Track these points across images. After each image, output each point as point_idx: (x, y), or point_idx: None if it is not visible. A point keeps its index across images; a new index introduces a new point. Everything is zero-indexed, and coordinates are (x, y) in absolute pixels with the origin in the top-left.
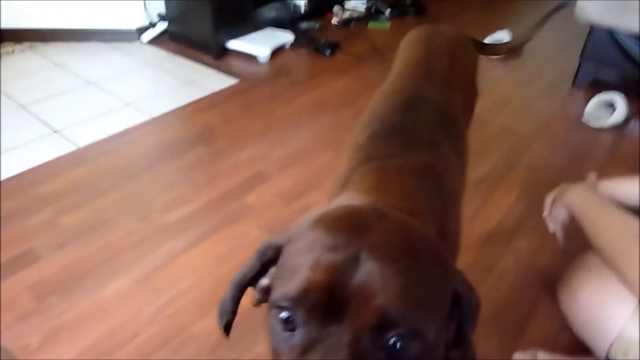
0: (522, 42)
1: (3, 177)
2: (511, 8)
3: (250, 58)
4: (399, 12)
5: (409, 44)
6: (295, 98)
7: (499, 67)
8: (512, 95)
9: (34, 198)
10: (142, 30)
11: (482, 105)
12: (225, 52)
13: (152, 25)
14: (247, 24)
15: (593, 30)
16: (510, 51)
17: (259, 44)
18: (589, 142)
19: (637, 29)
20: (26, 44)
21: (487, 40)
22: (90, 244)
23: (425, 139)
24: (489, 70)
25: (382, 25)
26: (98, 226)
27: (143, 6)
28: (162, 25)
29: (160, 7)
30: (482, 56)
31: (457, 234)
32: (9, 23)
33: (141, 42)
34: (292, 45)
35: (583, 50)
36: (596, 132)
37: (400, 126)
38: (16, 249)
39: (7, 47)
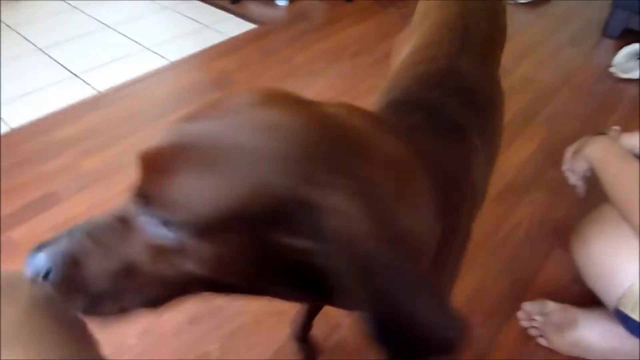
0: None
1: (23, 122)
2: None
3: (269, 2)
4: None
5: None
6: (314, 44)
7: (524, 14)
8: (536, 44)
9: (54, 142)
10: None
11: (504, 55)
12: None
13: None
14: None
15: None
16: None
17: None
18: (614, 94)
19: None
20: None
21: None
22: (110, 187)
23: (452, 126)
24: (512, 17)
25: None
26: (117, 169)
27: None
28: None
29: None
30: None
31: (460, 249)
32: None
33: None
34: None
35: None
36: (623, 83)
37: (425, 104)
38: (38, 191)
39: None
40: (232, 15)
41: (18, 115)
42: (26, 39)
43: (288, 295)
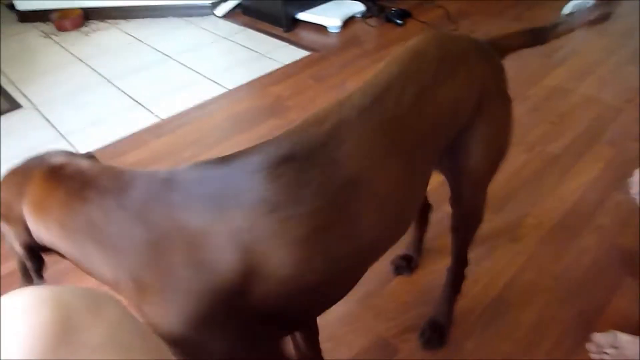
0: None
1: (91, 148)
2: None
3: (321, 29)
4: None
5: (392, 58)
6: (366, 69)
7: (583, 32)
8: (597, 62)
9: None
10: (215, 5)
11: (562, 75)
12: (296, 24)
13: None
14: None
15: None
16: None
17: (329, 15)
18: None
19: None
20: (110, 22)
21: (569, 6)
22: None
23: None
24: (570, 35)
25: None
26: None
27: None
28: (235, 0)
29: None
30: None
31: None
32: (94, 2)
33: (215, 16)
34: (362, 14)
35: None
36: None
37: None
38: None
39: (94, 25)
40: (285, 43)
41: (87, 143)
42: (95, 70)
43: None
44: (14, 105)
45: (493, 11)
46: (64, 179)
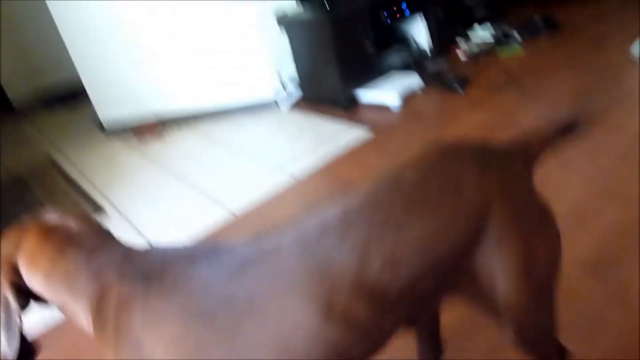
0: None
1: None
2: None
3: (381, 106)
4: (530, 32)
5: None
6: (433, 140)
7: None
8: None
9: None
10: (279, 98)
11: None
12: (356, 104)
13: (287, 91)
14: (374, 74)
15: None
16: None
17: (387, 91)
18: None
19: None
20: (184, 126)
21: (636, 44)
22: None
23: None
24: (632, 74)
25: (514, 50)
26: None
27: (277, 77)
28: (296, 90)
29: (293, 74)
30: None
31: None
32: (170, 111)
33: (279, 109)
34: (421, 86)
35: None
36: None
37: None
38: None
39: (171, 131)
40: (349, 125)
41: (163, 240)
42: (171, 172)
43: None
44: (98, 209)
45: (557, 63)
46: (53, 236)
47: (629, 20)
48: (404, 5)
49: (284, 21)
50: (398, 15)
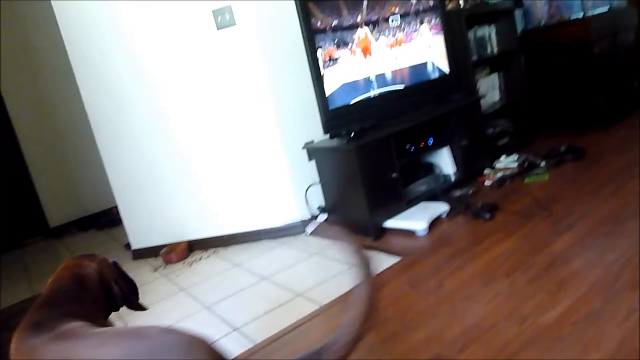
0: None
1: None
2: None
3: (409, 234)
4: (555, 160)
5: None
6: (462, 268)
7: None
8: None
9: None
10: (305, 223)
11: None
12: (384, 231)
13: (314, 217)
14: (400, 203)
15: None
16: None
17: (414, 219)
18: None
19: None
20: (210, 250)
21: None
22: None
23: None
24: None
25: (541, 177)
26: None
27: (305, 202)
28: (323, 216)
29: (320, 201)
30: None
31: None
32: (198, 235)
33: (306, 234)
34: (448, 214)
35: None
36: None
37: None
38: None
39: (196, 255)
40: (375, 252)
41: None
42: (195, 298)
43: None
44: None
45: (586, 191)
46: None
47: None
48: (430, 139)
49: (311, 148)
50: (423, 145)
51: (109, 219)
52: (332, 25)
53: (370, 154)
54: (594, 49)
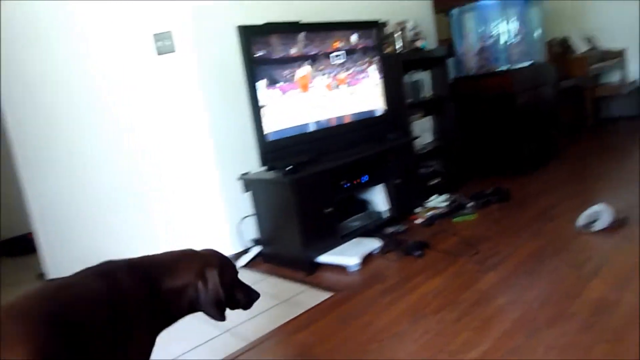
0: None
1: None
2: (604, 182)
3: (341, 269)
4: (482, 202)
5: None
6: (392, 305)
7: (606, 239)
8: (632, 269)
9: None
10: (238, 256)
11: (602, 285)
12: (317, 266)
13: (247, 250)
14: (334, 238)
15: None
16: None
17: (347, 255)
18: None
19: None
20: None
21: (584, 216)
22: None
23: None
24: (593, 246)
25: (469, 217)
26: None
27: (238, 234)
28: (256, 249)
29: (254, 233)
30: None
31: None
32: None
33: (238, 267)
34: (380, 251)
35: None
36: None
37: None
38: None
39: None
40: (307, 287)
41: None
42: None
43: None
44: None
45: (511, 231)
46: None
47: (573, 192)
48: (365, 176)
49: (247, 180)
50: (359, 182)
51: (21, 245)
52: (274, 58)
53: (306, 188)
54: (517, 100)
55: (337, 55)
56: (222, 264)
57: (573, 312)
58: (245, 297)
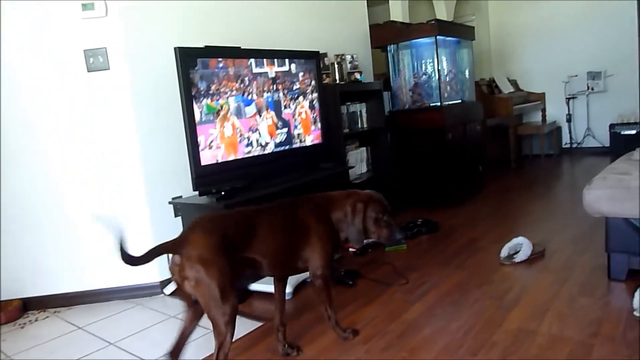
0: None
1: None
2: (525, 215)
3: (271, 297)
4: (413, 233)
5: None
6: (323, 335)
7: (525, 271)
8: (550, 299)
9: None
10: (165, 283)
11: (521, 315)
12: (248, 294)
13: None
14: None
15: (609, 221)
16: None
17: None
18: None
19: None
20: (50, 310)
21: (506, 248)
22: None
23: None
24: (514, 277)
25: (400, 247)
26: None
27: (167, 260)
28: None
29: None
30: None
31: None
32: (35, 292)
33: (164, 295)
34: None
35: (607, 243)
36: None
37: None
38: None
39: (32, 315)
40: (238, 315)
41: None
42: None
43: None
44: None
45: (439, 262)
46: None
47: (497, 225)
48: None
49: (178, 204)
50: None
51: None
52: (212, 81)
53: None
54: (447, 135)
55: (276, 83)
56: (370, 201)
57: (494, 341)
58: (388, 234)
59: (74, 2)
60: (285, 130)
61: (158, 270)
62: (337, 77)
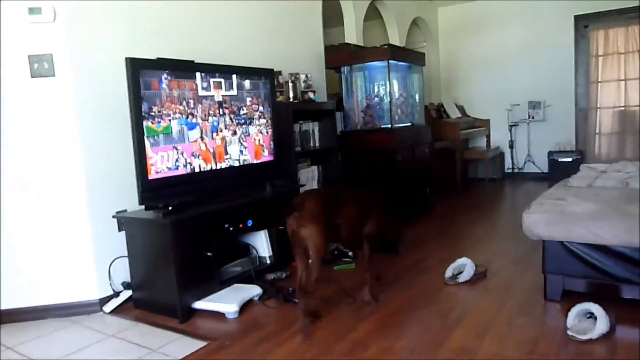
0: None
1: None
2: (469, 236)
3: (218, 316)
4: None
5: None
6: (268, 354)
7: (468, 291)
8: (490, 319)
9: None
10: (104, 301)
11: (464, 334)
12: (192, 313)
13: (116, 294)
14: (213, 283)
15: (546, 243)
16: None
17: (226, 301)
18: (584, 357)
19: (584, 240)
20: None
21: (450, 268)
22: None
23: None
24: (457, 297)
25: (348, 265)
26: None
27: (107, 277)
28: (127, 293)
29: (126, 276)
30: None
31: None
32: None
33: (103, 313)
34: (260, 297)
35: (543, 264)
36: (586, 345)
37: None
38: None
39: None
40: (180, 335)
41: None
42: None
43: None
44: None
45: (386, 281)
46: None
47: (442, 246)
48: (249, 221)
49: (122, 218)
50: (242, 226)
51: None
52: (162, 94)
53: (186, 230)
54: (397, 156)
55: (229, 99)
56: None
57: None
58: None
59: (20, 4)
60: (237, 146)
61: (97, 286)
62: (290, 95)
